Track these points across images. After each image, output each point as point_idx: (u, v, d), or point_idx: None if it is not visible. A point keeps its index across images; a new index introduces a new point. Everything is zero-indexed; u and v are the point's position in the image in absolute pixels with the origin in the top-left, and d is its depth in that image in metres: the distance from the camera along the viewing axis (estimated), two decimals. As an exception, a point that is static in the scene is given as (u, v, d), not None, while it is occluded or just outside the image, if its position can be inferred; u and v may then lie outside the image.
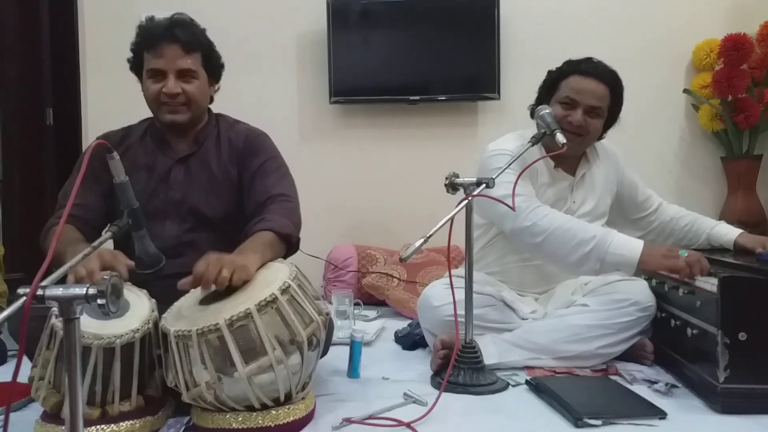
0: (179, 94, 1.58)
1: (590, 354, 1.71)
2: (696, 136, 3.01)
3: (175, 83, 1.58)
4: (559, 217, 1.72)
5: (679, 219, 1.99)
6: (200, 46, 1.61)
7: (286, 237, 1.49)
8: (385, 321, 2.36)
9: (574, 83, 1.80)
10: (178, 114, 1.60)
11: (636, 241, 1.68)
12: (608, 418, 1.34)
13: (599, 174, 1.93)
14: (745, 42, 2.71)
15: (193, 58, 1.60)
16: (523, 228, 1.72)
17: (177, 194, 1.63)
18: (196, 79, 1.60)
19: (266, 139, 1.71)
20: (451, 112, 3.02)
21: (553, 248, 1.70)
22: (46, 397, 1.27)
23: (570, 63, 1.85)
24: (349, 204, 3.02)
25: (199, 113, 1.65)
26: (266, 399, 1.27)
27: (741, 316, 1.41)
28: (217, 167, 1.65)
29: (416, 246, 1.36)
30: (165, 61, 1.57)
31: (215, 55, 1.67)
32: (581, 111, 1.79)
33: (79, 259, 1.03)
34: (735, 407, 1.40)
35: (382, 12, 2.94)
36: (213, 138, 1.69)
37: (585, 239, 1.67)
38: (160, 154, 1.66)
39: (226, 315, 1.23)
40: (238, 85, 2.91)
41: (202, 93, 1.63)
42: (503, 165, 1.64)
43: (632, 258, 1.65)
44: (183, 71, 1.58)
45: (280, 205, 1.55)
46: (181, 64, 1.58)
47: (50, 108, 3.31)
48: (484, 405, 1.48)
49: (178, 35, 1.57)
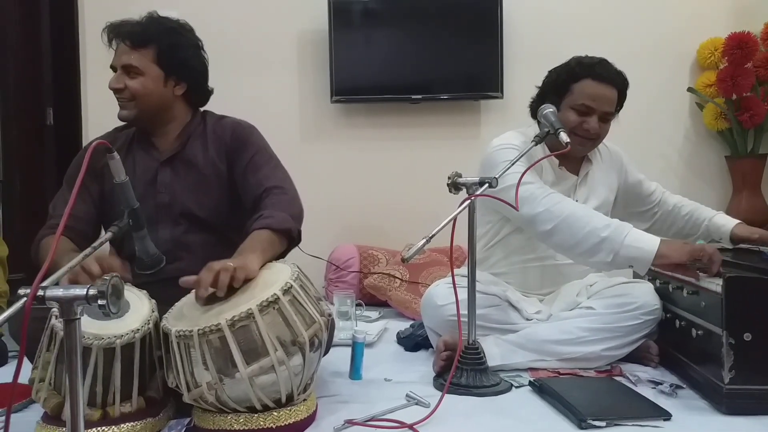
0: (123, 89, 1.58)
1: (595, 356, 1.70)
2: (700, 135, 3.00)
3: (118, 78, 1.58)
4: (572, 205, 1.70)
5: (681, 208, 1.99)
6: (152, 41, 1.58)
7: (286, 232, 1.47)
8: (387, 322, 2.35)
9: (589, 90, 1.76)
10: (124, 109, 1.60)
11: (652, 236, 1.63)
12: (612, 419, 1.34)
13: (602, 173, 1.92)
14: (750, 40, 2.70)
15: (140, 54, 1.57)
16: (535, 214, 1.68)
17: (166, 197, 1.61)
18: (140, 75, 1.57)
19: (253, 131, 1.68)
20: (453, 111, 3.01)
21: (564, 236, 1.65)
22: (46, 399, 1.27)
23: (582, 65, 1.79)
24: (350, 204, 3.01)
25: (149, 110, 1.60)
26: (268, 400, 1.26)
27: (746, 316, 1.40)
28: (205, 164, 1.63)
29: (418, 246, 1.35)
30: (115, 58, 1.60)
31: (176, 53, 1.60)
32: (596, 118, 1.77)
33: (79, 259, 1.02)
34: (740, 408, 1.39)
35: (384, 10, 2.93)
36: (198, 135, 1.66)
37: (598, 227, 1.61)
38: (145, 158, 1.64)
39: (227, 315, 1.22)
40: (238, 84, 2.92)
41: (148, 89, 1.58)
42: (511, 158, 1.63)
43: (649, 252, 1.58)
44: (126, 66, 1.57)
45: (277, 198, 1.52)
46: (125, 59, 1.57)
47: (50, 108, 3.31)
48: (488, 406, 1.47)
49: (125, 31, 1.58)
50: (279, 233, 1.45)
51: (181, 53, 1.61)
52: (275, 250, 1.45)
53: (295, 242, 1.53)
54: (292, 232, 1.48)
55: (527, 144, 1.71)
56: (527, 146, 1.68)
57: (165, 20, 1.63)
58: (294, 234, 1.50)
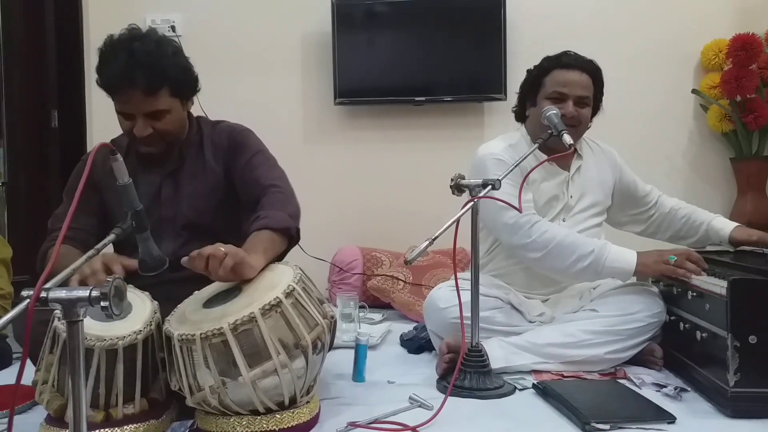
0: (152, 133, 1.52)
1: (598, 359, 1.70)
2: (705, 137, 2.98)
3: (144, 125, 1.50)
4: (558, 233, 1.74)
5: (678, 211, 1.99)
6: (165, 81, 1.49)
7: (284, 231, 1.46)
8: (390, 324, 2.34)
9: (558, 77, 1.82)
10: (152, 146, 1.56)
11: (630, 253, 1.72)
12: (616, 422, 1.33)
13: (594, 169, 1.93)
14: (754, 42, 2.69)
15: (159, 96, 1.49)
16: (523, 244, 1.75)
17: (170, 211, 1.61)
18: (166, 114, 1.52)
19: (250, 134, 1.68)
20: (456, 113, 3.00)
21: (552, 263, 1.75)
22: (49, 401, 1.27)
23: (549, 59, 1.87)
24: (353, 206, 3.00)
25: (176, 137, 1.60)
26: (271, 403, 1.26)
27: (751, 318, 1.39)
28: (204, 172, 1.63)
29: (422, 248, 1.34)
30: (131, 106, 1.50)
31: (185, 79, 1.55)
32: (571, 103, 1.80)
33: (83, 261, 1.03)
34: (745, 411, 1.38)
35: (387, 12, 2.93)
36: (196, 143, 1.65)
37: (583, 254, 1.71)
38: (147, 172, 1.62)
39: (230, 319, 1.22)
40: (242, 86, 2.93)
41: (175, 124, 1.56)
42: (498, 170, 1.66)
43: (628, 270, 1.71)
44: (150, 113, 1.50)
45: (274, 197, 1.52)
46: (146, 107, 1.49)
47: (55, 111, 3.32)
48: (491, 409, 1.46)
49: (138, 79, 1.45)
50: (278, 232, 1.45)
51: (186, 75, 1.56)
52: (276, 249, 1.44)
53: (295, 240, 1.52)
54: (290, 230, 1.48)
55: (512, 149, 1.81)
56: (520, 153, 1.72)
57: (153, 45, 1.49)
58: (293, 232, 1.49)
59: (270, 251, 1.41)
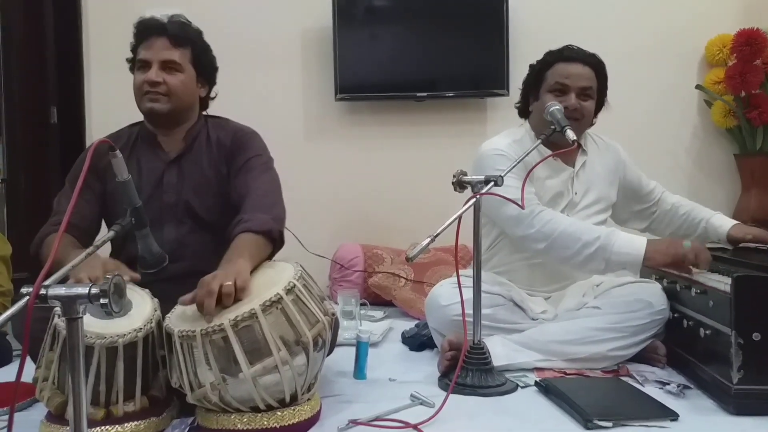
0: (160, 84, 1.59)
1: (601, 356, 1.69)
2: (709, 132, 2.97)
3: (158, 73, 1.59)
4: (562, 221, 1.72)
5: (678, 207, 1.99)
6: (190, 42, 1.63)
7: (267, 233, 1.46)
8: (391, 321, 2.34)
9: (560, 70, 1.82)
10: (157, 102, 1.60)
11: (639, 239, 1.68)
12: (619, 419, 1.32)
13: (599, 164, 1.91)
14: (758, 37, 2.68)
15: (180, 52, 1.61)
16: (527, 235, 1.74)
17: (172, 197, 1.62)
18: (179, 72, 1.61)
19: (254, 136, 1.69)
20: (458, 108, 2.99)
21: (558, 252, 1.72)
22: (50, 398, 1.27)
23: (551, 53, 1.87)
24: (355, 202, 2.99)
25: (181, 107, 1.63)
26: (271, 400, 1.26)
27: (755, 315, 1.39)
28: (208, 166, 1.64)
29: (423, 245, 1.34)
30: (152, 52, 1.60)
31: (208, 56, 1.69)
32: (574, 95, 1.80)
33: (82, 257, 1.02)
34: (749, 408, 1.38)
35: (388, 7, 2.91)
36: (203, 138, 1.68)
37: (589, 241, 1.68)
38: (151, 158, 1.65)
39: (230, 315, 1.21)
40: (243, 81, 2.91)
41: (185, 87, 1.62)
42: (501, 166, 1.65)
43: (637, 256, 1.66)
44: (167, 62, 1.60)
45: (258, 201, 1.52)
46: (165, 55, 1.59)
47: (54, 107, 3.30)
48: (493, 407, 1.46)
49: (168, 28, 1.61)
50: (261, 235, 1.44)
51: (210, 57, 1.69)
52: (261, 252, 1.44)
53: (278, 243, 1.52)
54: (272, 233, 1.47)
55: (516, 144, 1.79)
56: (523, 149, 1.71)
57: (192, 24, 1.68)
58: (275, 235, 1.48)
59: (255, 255, 1.40)
